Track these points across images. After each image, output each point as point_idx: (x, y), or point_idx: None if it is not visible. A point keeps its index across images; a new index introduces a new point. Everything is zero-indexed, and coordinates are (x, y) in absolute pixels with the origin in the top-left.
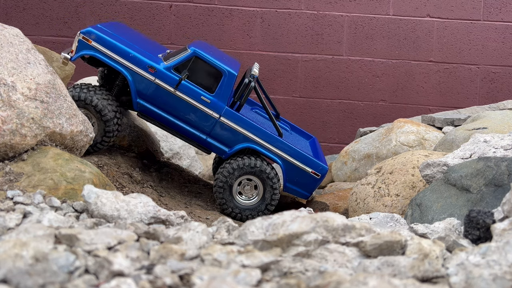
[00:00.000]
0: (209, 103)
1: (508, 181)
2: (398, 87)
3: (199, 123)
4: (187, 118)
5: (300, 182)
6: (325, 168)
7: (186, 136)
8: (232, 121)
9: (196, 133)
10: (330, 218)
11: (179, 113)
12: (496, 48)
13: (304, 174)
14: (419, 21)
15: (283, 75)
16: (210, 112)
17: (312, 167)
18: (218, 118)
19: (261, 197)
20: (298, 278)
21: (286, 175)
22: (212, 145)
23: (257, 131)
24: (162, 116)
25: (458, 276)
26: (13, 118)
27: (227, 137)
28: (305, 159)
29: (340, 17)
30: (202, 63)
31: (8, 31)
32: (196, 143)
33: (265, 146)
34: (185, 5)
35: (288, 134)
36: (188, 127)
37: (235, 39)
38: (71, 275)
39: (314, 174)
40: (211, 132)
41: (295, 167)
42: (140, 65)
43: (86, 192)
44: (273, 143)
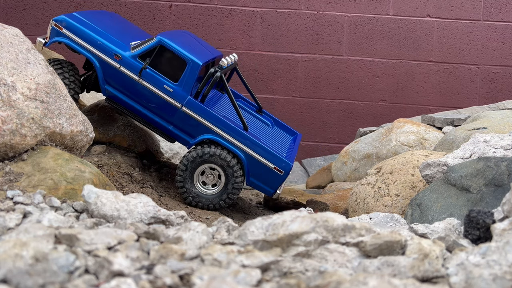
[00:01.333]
0: (171, 92)
1: (508, 181)
2: (398, 87)
3: (162, 112)
4: (151, 107)
5: (263, 177)
6: (289, 165)
7: (152, 125)
8: (194, 112)
9: (160, 122)
10: (330, 218)
11: (143, 101)
12: (496, 48)
13: (266, 169)
14: (419, 21)
15: (283, 75)
16: (172, 101)
17: (275, 163)
18: (180, 108)
19: (223, 186)
20: (298, 278)
21: (248, 169)
22: (176, 134)
23: (219, 123)
24: (128, 104)
25: (458, 276)
26: (13, 118)
27: (190, 127)
28: (268, 154)
29: (340, 17)
30: (167, 52)
31: (8, 31)
32: (160, 131)
33: (227, 138)
34: (185, 5)
35: (268, 129)
36: (153, 116)
37: (235, 39)
38: (71, 275)
39: (277, 170)
40: (174, 122)
41: (257, 161)
42: (106, 52)
43: (86, 192)
44: (235, 136)
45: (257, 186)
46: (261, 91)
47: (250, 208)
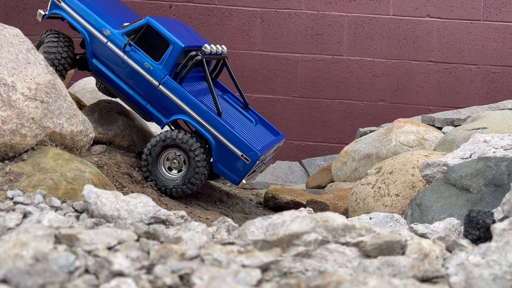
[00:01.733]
0: (151, 70)
1: (508, 181)
2: (398, 87)
3: (140, 88)
4: (132, 83)
5: (230, 164)
6: (257, 154)
7: (130, 101)
8: (170, 91)
9: (138, 99)
10: (330, 218)
11: (125, 76)
12: (496, 48)
13: (234, 156)
14: (419, 21)
15: (283, 75)
16: (151, 79)
17: (242, 150)
18: (157, 86)
19: (185, 172)
20: (298, 278)
21: (216, 155)
22: (151, 113)
23: (193, 105)
24: (111, 79)
25: (458, 276)
26: (13, 118)
27: (164, 106)
28: (237, 141)
29: (340, 17)
30: (153, 32)
31: (8, 31)
32: (138, 109)
33: (199, 121)
34: (185, 5)
35: (249, 124)
36: (132, 92)
37: (235, 39)
38: (71, 275)
39: (244, 159)
40: (151, 100)
41: (225, 147)
42: (96, 27)
43: (86, 192)
44: (207, 119)
45: (223, 173)
46: (261, 91)
47: (250, 208)
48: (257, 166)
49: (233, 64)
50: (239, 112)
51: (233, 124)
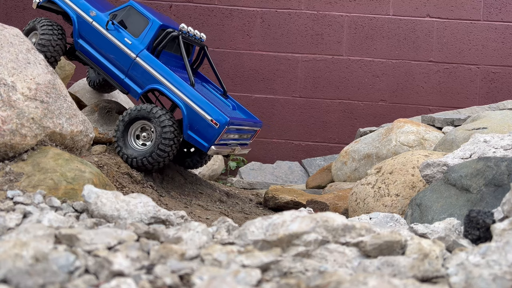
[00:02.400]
0: (130, 44)
1: (508, 181)
2: (398, 87)
3: (119, 62)
4: (112, 58)
5: (200, 130)
6: (225, 118)
7: (110, 76)
8: (146, 62)
9: (116, 72)
10: (330, 218)
11: (106, 52)
12: (496, 48)
13: (203, 121)
14: (419, 21)
15: (283, 75)
16: (129, 52)
17: (212, 114)
18: (135, 58)
19: (152, 145)
20: (298, 278)
21: (187, 121)
22: (128, 85)
23: (167, 74)
24: (93, 56)
25: (458, 276)
26: (13, 118)
27: (140, 77)
28: (207, 107)
29: (340, 17)
30: (135, 13)
31: (8, 31)
32: (117, 83)
33: (172, 89)
34: (185, 5)
35: (227, 106)
36: (112, 66)
37: (235, 39)
38: (71, 275)
39: (213, 123)
40: (128, 72)
41: (195, 113)
42: (83, 9)
43: (86, 192)
44: (179, 87)
45: (194, 140)
46: (261, 91)
47: (250, 208)
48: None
49: (233, 64)
50: (217, 97)
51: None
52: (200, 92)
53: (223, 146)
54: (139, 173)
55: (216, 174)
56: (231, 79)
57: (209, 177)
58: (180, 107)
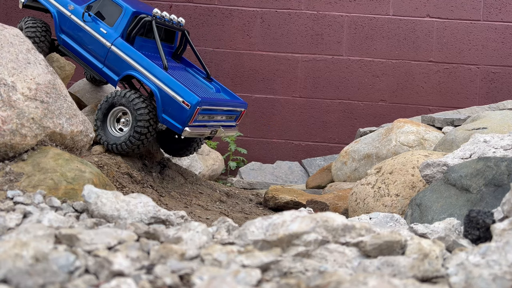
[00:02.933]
0: (105, 33)
1: (508, 181)
2: (398, 87)
3: (97, 52)
4: (90, 49)
5: (173, 113)
6: (195, 99)
7: (90, 67)
8: (121, 50)
9: (95, 62)
10: (330, 218)
11: (85, 44)
12: (496, 48)
13: (175, 103)
14: (419, 21)
15: (283, 75)
16: (104, 41)
17: (183, 96)
18: (110, 47)
19: (129, 129)
20: (298, 278)
21: (160, 104)
22: (106, 74)
23: (140, 60)
24: (74, 48)
25: (458, 276)
26: (13, 118)
27: (116, 65)
28: (178, 88)
29: (340, 17)
30: (109, 2)
31: (8, 31)
32: (97, 73)
33: (145, 74)
34: (185, 5)
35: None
36: (91, 57)
37: (235, 39)
38: (71, 275)
39: (185, 105)
40: (105, 61)
41: (168, 95)
42: (62, 3)
43: (86, 192)
44: (152, 72)
45: (168, 122)
46: (261, 91)
47: (250, 208)
48: (212, 121)
49: (233, 64)
50: (199, 80)
51: (180, 79)
52: (175, 75)
53: (200, 127)
54: (139, 173)
55: (216, 174)
56: (231, 79)
57: (209, 177)
58: (153, 90)
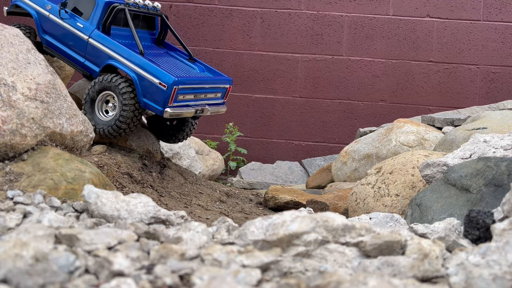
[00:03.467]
0: (82, 27)
1: (508, 181)
2: (398, 87)
3: (77, 47)
4: (71, 45)
5: (152, 95)
6: (171, 78)
7: (73, 63)
8: (98, 41)
9: (77, 57)
10: (330, 218)
11: (66, 41)
12: (496, 48)
13: (153, 86)
14: (419, 21)
15: (283, 75)
16: (81, 35)
17: (159, 77)
18: (87, 40)
19: (115, 113)
20: (298, 278)
21: (140, 89)
22: (88, 67)
23: (116, 48)
24: (57, 47)
25: (458, 276)
26: (13, 118)
27: (96, 57)
28: (154, 70)
29: (340, 17)
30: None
31: (8, 31)
32: (81, 69)
33: (123, 62)
34: (185, 5)
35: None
36: (73, 53)
37: (235, 39)
38: (71, 275)
39: (162, 86)
40: (86, 54)
41: (145, 79)
42: (40, 4)
43: (86, 192)
44: (129, 58)
45: (148, 105)
46: (261, 91)
47: (250, 208)
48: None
49: (233, 64)
50: (181, 62)
51: (159, 63)
52: (153, 59)
53: (182, 108)
54: (139, 172)
55: (216, 174)
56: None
57: (209, 177)
58: (132, 76)
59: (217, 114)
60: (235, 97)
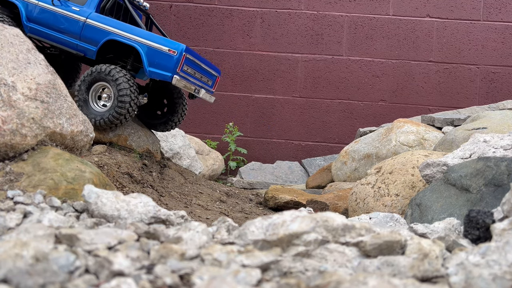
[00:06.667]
0: (78, 11)
1: (508, 181)
2: (398, 87)
3: (71, 30)
4: (62, 28)
5: (160, 63)
6: (181, 45)
7: (64, 45)
8: (97, 21)
9: (70, 40)
10: (330, 218)
11: (57, 25)
12: (496, 48)
13: (161, 54)
14: (419, 21)
15: (283, 75)
16: (78, 17)
17: (168, 45)
18: (85, 21)
19: (112, 103)
20: (298, 278)
21: (146, 59)
22: (84, 47)
23: (118, 24)
24: (45, 33)
25: (458, 276)
26: (14, 118)
27: (93, 36)
28: (162, 40)
29: (340, 17)
30: None
31: (8, 31)
32: (73, 50)
33: (125, 35)
34: (185, 5)
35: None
36: (65, 36)
37: (235, 39)
38: (72, 275)
39: (171, 52)
40: (81, 35)
41: (152, 49)
42: None
43: (86, 192)
44: (133, 32)
45: (156, 73)
46: (261, 91)
47: (250, 208)
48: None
49: (233, 64)
50: None
51: None
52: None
53: (186, 80)
54: (139, 172)
55: (216, 174)
56: (231, 79)
57: (209, 177)
58: (137, 48)
59: (207, 102)
60: (235, 97)
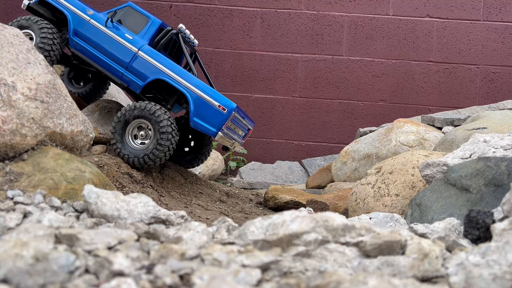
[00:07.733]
0: (131, 39)
1: (508, 181)
2: (398, 87)
3: (119, 56)
4: (111, 53)
5: (207, 117)
6: (233, 104)
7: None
8: (149, 55)
9: (116, 67)
10: (330, 218)
11: (104, 48)
12: (496, 48)
13: (211, 108)
14: (419, 21)
15: (283, 75)
16: (130, 46)
17: (219, 101)
18: (137, 52)
19: (150, 142)
20: (298, 278)
21: (194, 108)
22: (129, 79)
23: (170, 65)
24: (91, 52)
25: (458, 276)
26: (14, 118)
27: (142, 70)
28: (214, 94)
29: (340, 17)
30: (134, 12)
31: (8, 31)
32: (116, 78)
33: (176, 78)
34: (185, 5)
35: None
36: (111, 61)
37: (235, 39)
38: (72, 275)
39: (220, 109)
40: (129, 66)
41: (202, 100)
42: (80, 9)
43: (86, 192)
44: (184, 77)
45: (200, 126)
46: (261, 91)
47: (250, 208)
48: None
49: (233, 64)
50: None
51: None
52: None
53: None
54: (139, 173)
55: (216, 174)
56: (231, 79)
57: (209, 177)
58: (186, 95)
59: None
60: (235, 97)
